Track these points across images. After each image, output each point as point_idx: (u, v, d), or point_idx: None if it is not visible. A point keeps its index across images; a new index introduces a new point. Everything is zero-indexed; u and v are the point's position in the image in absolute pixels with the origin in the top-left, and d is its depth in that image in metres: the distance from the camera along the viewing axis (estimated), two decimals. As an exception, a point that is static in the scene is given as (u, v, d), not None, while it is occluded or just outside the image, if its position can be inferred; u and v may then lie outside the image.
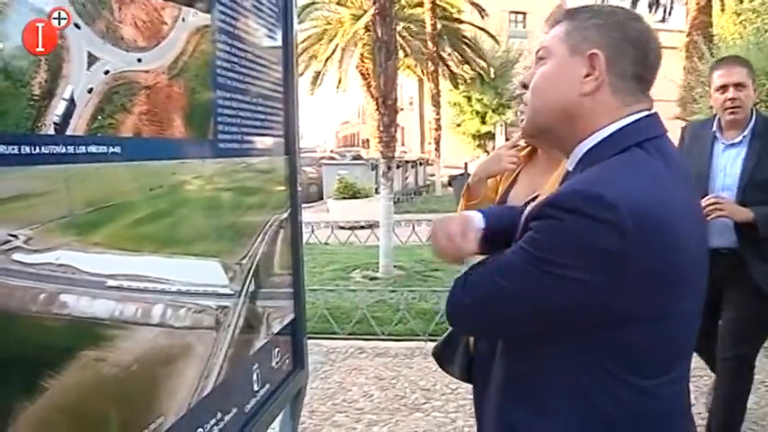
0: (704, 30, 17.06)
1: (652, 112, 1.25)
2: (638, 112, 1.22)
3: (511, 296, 1.20)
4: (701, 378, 3.86)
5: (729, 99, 3.02)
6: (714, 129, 3.15)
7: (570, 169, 1.29)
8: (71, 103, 1.15)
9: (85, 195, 1.20)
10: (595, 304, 1.13)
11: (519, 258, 1.18)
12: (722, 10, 18.95)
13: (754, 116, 3.08)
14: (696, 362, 3.09)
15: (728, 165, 3.07)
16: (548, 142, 1.37)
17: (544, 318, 1.18)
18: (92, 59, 1.21)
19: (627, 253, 1.08)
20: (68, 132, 1.14)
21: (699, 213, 1.37)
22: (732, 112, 3.03)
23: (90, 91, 1.20)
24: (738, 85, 3.01)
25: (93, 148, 1.21)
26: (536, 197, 1.99)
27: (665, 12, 20.92)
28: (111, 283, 1.26)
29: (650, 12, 21.29)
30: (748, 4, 18.23)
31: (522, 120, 2.09)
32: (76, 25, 1.16)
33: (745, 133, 3.06)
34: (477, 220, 1.46)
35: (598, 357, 1.17)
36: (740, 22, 18.18)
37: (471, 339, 2.23)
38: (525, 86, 1.32)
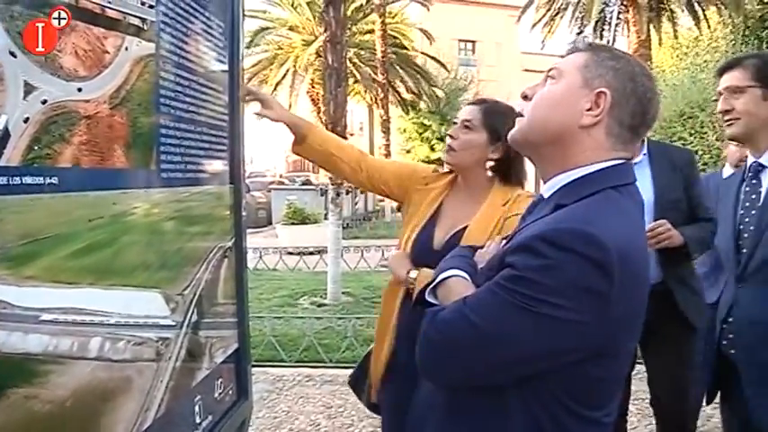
0: (644, 62, 17.66)
1: (628, 160, 1.30)
2: (620, 159, 1.27)
3: (493, 340, 1.15)
4: (642, 401, 3.94)
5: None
6: None
7: (546, 196, 1.32)
8: (5, 132, 1.12)
9: (20, 227, 1.16)
10: (585, 346, 1.14)
11: (501, 299, 1.14)
12: (660, 44, 19.69)
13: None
14: (636, 385, 3.17)
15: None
16: (531, 156, 1.38)
17: (529, 362, 1.16)
18: (29, 88, 1.18)
19: (611, 294, 1.11)
20: (1, 163, 1.12)
21: (647, 254, 1.41)
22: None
23: (26, 121, 1.18)
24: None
25: (28, 179, 1.18)
26: (463, 229, 2.04)
27: (608, 43, 21.53)
28: (45, 317, 1.23)
29: (594, 40, 21.88)
30: (683, 40, 19.02)
31: (449, 147, 2.17)
32: (12, 53, 1.14)
33: (644, 152, 2.95)
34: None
35: (556, 392, 1.19)
36: (676, 56, 18.91)
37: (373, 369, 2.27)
38: (526, 98, 1.35)
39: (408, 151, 27.03)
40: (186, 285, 1.85)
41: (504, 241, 1.38)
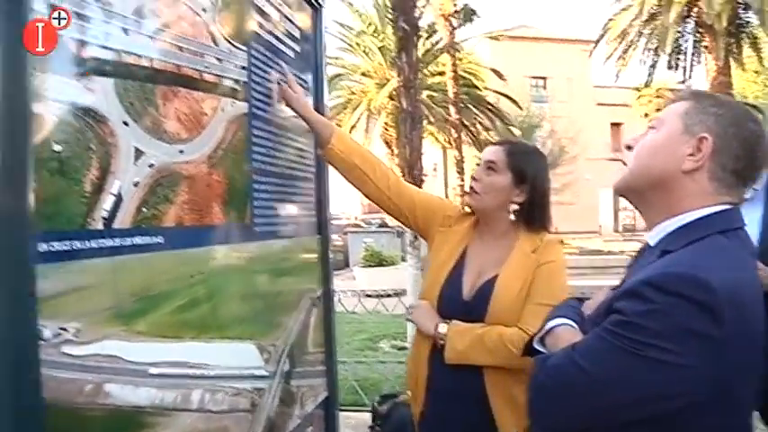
0: (724, 90, 17.16)
1: (736, 205, 1.28)
2: (727, 203, 1.26)
3: (603, 384, 1.16)
4: None
5: None
6: None
7: (652, 244, 1.31)
8: (118, 197, 1.19)
9: (130, 286, 1.23)
10: (694, 391, 1.12)
11: (609, 344, 1.15)
12: (742, 69, 19.09)
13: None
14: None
15: None
16: (636, 204, 1.38)
17: (637, 406, 1.15)
18: (138, 154, 1.26)
19: (720, 338, 1.09)
20: (115, 226, 1.19)
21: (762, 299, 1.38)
22: None
23: (136, 185, 1.25)
24: None
25: (137, 240, 1.25)
26: (492, 279, 1.95)
27: (684, 72, 21.06)
28: (152, 370, 1.28)
29: (669, 70, 21.41)
30: (768, 63, 18.36)
31: (471, 190, 2.05)
32: (125, 123, 1.22)
33: (756, 186, 2.48)
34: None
35: None
36: (760, 81, 18.26)
37: None
38: (629, 148, 1.36)
39: (483, 190, 26.90)
40: (279, 335, 1.89)
41: (612, 290, 1.37)
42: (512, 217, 2.02)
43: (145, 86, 1.29)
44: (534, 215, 2.01)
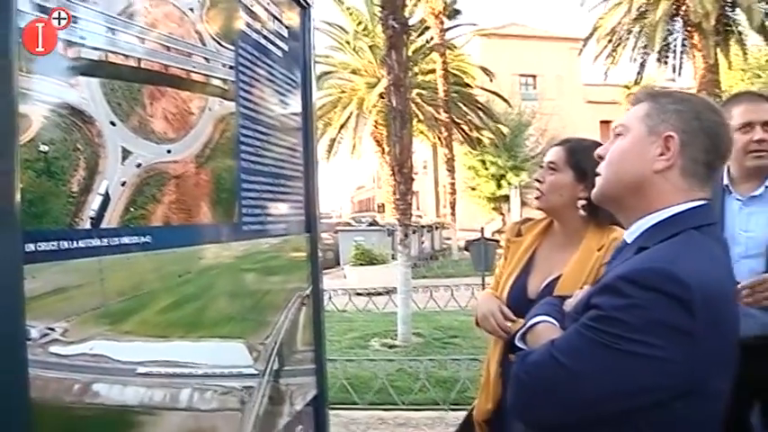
0: (712, 87, 17.28)
1: (708, 201, 1.31)
2: (700, 199, 1.29)
3: (582, 379, 1.18)
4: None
5: (756, 141, 2.40)
6: (725, 181, 2.51)
7: (629, 241, 1.34)
8: (106, 197, 1.20)
9: (118, 285, 1.23)
10: (671, 384, 1.15)
11: (588, 339, 1.17)
12: (729, 68, 19.23)
13: None
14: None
15: (750, 224, 2.43)
16: (615, 210, 1.41)
17: (617, 400, 1.17)
18: (125, 154, 1.26)
19: (696, 331, 1.12)
20: (103, 225, 1.19)
21: (735, 293, 1.41)
22: (759, 156, 2.41)
23: (123, 184, 1.25)
24: (766, 125, 2.42)
25: (125, 239, 1.25)
26: (558, 277, 1.99)
27: (674, 70, 21.18)
28: (140, 369, 1.28)
29: (659, 68, 21.53)
30: (754, 61, 18.51)
31: (537, 191, 2.10)
32: (112, 123, 1.22)
33: (767, 183, 2.44)
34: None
35: (646, 431, 1.19)
36: (747, 79, 18.38)
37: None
38: (601, 158, 1.39)
39: (474, 188, 26.99)
40: (268, 334, 1.90)
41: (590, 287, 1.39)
42: (582, 212, 2.04)
43: (132, 86, 1.30)
44: (600, 210, 1.92)
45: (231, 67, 1.74)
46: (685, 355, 1.13)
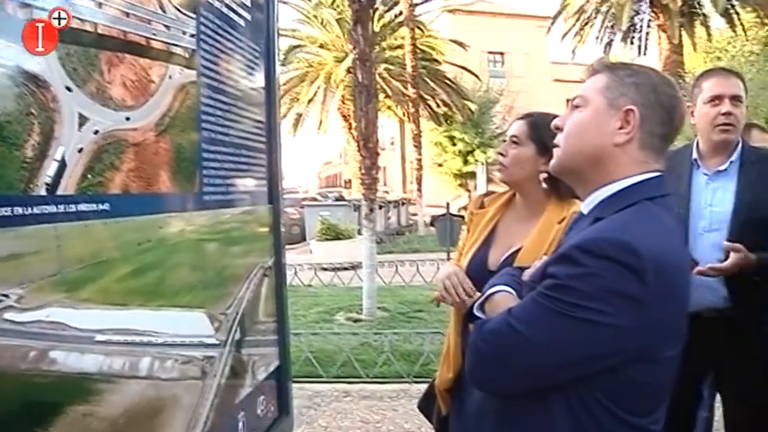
0: (676, 68, 17.52)
1: (662, 172, 1.34)
2: (654, 171, 1.32)
3: (538, 346, 1.21)
4: None
5: (724, 114, 2.44)
6: (694, 155, 2.56)
7: (585, 212, 1.37)
8: (62, 163, 1.18)
9: (75, 253, 1.22)
10: (624, 350, 1.19)
11: (544, 307, 1.20)
12: (694, 49, 19.50)
13: (740, 141, 2.53)
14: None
15: (715, 199, 2.49)
16: (572, 181, 1.44)
17: (571, 366, 1.21)
18: (82, 120, 1.25)
19: (647, 299, 1.16)
20: (59, 192, 1.18)
21: (687, 263, 1.45)
22: (725, 130, 2.45)
23: (80, 151, 1.24)
24: (735, 99, 2.46)
25: (82, 207, 1.24)
26: (519, 250, 2.02)
27: (640, 50, 21.41)
28: (99, 337, 1.28)
29: (625, 47, 21.75)
30: (717, 44, 18.79)
31: (500, 165, 2.13)
32: (68, 88, 1.20)
33: (733, 159, 2.49)
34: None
35: (598, 396, 1.23)
36: (710, 60, 18.67)
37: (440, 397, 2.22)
38: (559, 129, 1.41)
39: (441, 165, 27.04)
40: (229, 304, 1.90)
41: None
42: (543, 185, 2.08)
43: (89, 52, 1.27)
44: (561, 183, 1.94)
45: (193, 36, 1.72)
46: (637, 323, 1.16)
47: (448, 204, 15.29)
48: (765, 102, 11.23)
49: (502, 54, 40.62)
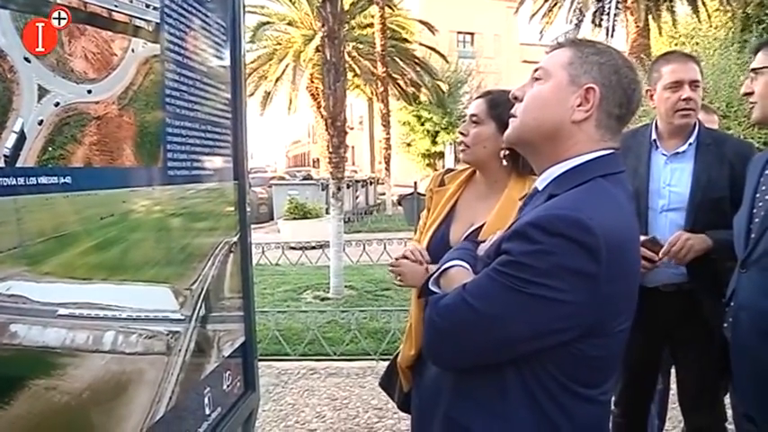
0: (642, 51, 17.68)
1: (616, 150, 1.35)
2: (608, 149, 1.33)
3: (492, 321, 1.22)
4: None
5: (684, 99, 2.50)
6: (653, 136, 2.62)
7: (540, 188, 1.38)
8: (21, 135, 1.17)
9: (36, 226, 1.21)
10: (576, 325, 1.21)
11: (498, 283, 1.21)
12: (660, 34, 19.70)
13: (697, 123, 2.59)
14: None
15: (674, 179, 2.55)
16: (526, 153, 1.45)
17: (525, 341, 1.22)
18: (42, 92, 1.23)
19: (599, 276, 1.18)
20: (19, 164, 1.16)
21: (638, 240, 1.47)
22: (685, 115, 2.52)
23: (40, 123, 1.22)
24: (694, 83, 2.52)
25: (43, 179, 1.22)
26: (481, 227, 2.03)
27: (607, 33, 21.54)
28: (62, 311, 1.28)
29: (593, 30, 21.89)
30: (682, 30, 19.03)
31: (462, 144, 2.14)
32: (26, 59, 1.19)
33: (691, 141, 2.56)
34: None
35: (551, 370, 1.25)
36: (675, 46, 18.89)
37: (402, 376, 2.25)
38: (517, 99, 1.41)
39: (409, 144, 27.06)
40: (194, 280, 1.90)
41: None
42: (504, 162, 2.09)
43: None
44: (522, 160, 1.98)
45: (156, 9, 1.69)
46: (590, 299, 1.18)
47: (416, 184, 15.32)
48: (726, 86, 11.43)
49: (471, 34, 40.56)
